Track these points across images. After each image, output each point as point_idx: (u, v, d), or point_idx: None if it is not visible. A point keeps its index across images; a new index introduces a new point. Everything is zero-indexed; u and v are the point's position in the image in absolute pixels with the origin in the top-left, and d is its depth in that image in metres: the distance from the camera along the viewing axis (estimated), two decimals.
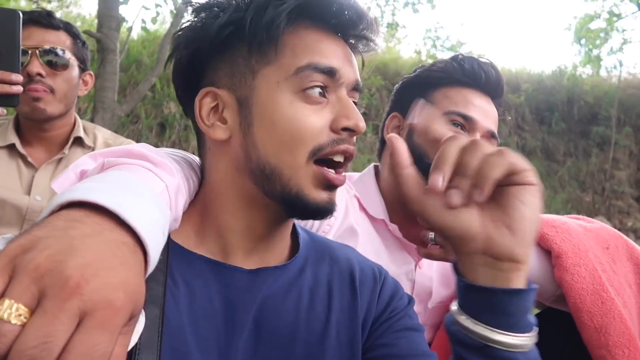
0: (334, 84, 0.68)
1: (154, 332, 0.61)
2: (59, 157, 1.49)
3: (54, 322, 0.37)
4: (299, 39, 0.68)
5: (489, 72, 1.15)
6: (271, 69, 0.67)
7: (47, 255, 0.40)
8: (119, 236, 0.46)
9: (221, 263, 0.71)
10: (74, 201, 0.48)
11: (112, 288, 0.40)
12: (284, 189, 0.66)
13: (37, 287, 0.38)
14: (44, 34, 1.43)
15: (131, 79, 5.62)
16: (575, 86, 8.22)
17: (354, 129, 0.67)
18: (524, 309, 0.57)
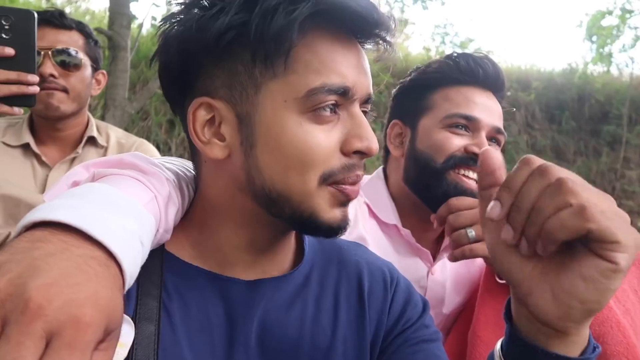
0: (347, 100, 0.62)
1: (150, 349, 0.59)
2: (72, 157, 1.51)
3: (19, 347, 0.36)
4: (312, 52, 0.60)
5: (485, 66, 1.11)
6: (278, 85, 0.60)
7: (8, 279, 0.39)
8: (87, 251, 0.45)
9: (218, 275, 0.67)
10: (37, 221, 0.46)
11: (78, 304, 0.39)
12: (295, 212, 0.62)
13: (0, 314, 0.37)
14: (57, 35, 1.44)
15: (141, 76, 5.64)
16: (586, 84, 8.13)
17: (366, 152, 0.62)
18: None
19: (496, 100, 1.15)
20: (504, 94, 1.18)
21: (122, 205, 0.53)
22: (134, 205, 0.55)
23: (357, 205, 1.16)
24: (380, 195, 1.20)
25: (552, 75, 8.45)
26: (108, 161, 0.66)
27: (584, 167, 7.32)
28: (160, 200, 0.61)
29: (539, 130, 7.53)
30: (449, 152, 1.08)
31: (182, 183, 0.69)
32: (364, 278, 0.75)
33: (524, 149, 7.14)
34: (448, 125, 1.09)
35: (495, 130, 1.11)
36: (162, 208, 0.61)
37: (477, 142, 1.07)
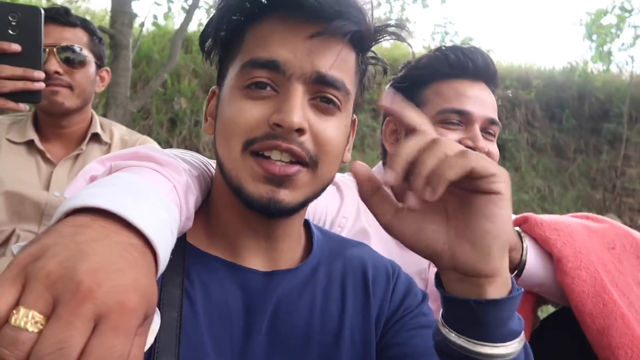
0: (282, 76, 0.65)
1: (172, 335, 0.61)
2: (76, 153, 1.52)
3: (69, 327, 0.37)
4: (255, 35, 0.68)
5: (475, 58, 1.11)
6: (232, 67, 0.70)
7: (57, 262, 0.40)
8: (126, 238, 0.47)
9: (237, 265, 0.71)
10: (79, 207, 0.48)
11: (123, 290, 0.41)
12: (230, 181, 0.67)
13: (51, 294, 0.39)
14: (62, 32, 1.44)
15: (142, 75, 5.65)
16: (586, 82, 8.13)
17: (280, 123, 0.63)
18: (501, 319, 0.55)
19: (489, 90, 1.15)
20: (496, 83, 1.18)
21: (151, 195, 0.55)
22: (161, 195, 0.58)
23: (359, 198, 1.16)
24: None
25: (552, 73, 8.45)
26: (123, 154, 0.68)
27: (585, 165, 7.32)
28: (180, 190, 0.64)
29: (539, 129, 7.54)
30: None
31: (197, 173, 0.72)
32: (368, 270, 0.79)
33: (525, 147, 7.15)
34: (441, 121, 1.09)
35: (489, 122, 1.11)
36: (182, 197, 0.64)
37: (471, 136, 1.08)
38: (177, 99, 5.47)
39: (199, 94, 5.70)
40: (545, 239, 0.99)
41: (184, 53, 6.00)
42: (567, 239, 0.99)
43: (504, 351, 0.55)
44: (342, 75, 0.67)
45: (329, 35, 0.65)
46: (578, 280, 0.94)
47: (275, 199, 0.64)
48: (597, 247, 1.00)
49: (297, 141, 0.64)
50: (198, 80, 5.83)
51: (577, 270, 0.95)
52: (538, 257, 0.99)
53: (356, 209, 1.13)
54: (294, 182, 0.65)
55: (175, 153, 0.73)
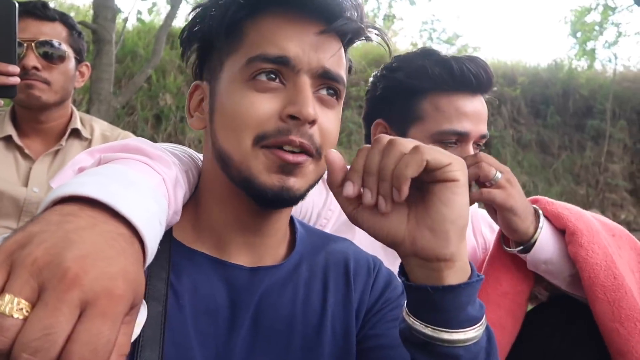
0: (291, 71, 0.66)
1: (157, 328, 0.62)
2: (56, 149, 1.49)
3: (55, 313, 0.37)
4: (257, 29, 0.68)
5: (478, 73, 1.09)
6: (232, 60, 0.69)
7: (44, 248, 0.40)
8: (114, 227, 0.47)
9: (222, 261, 0.71)
10: (67, 196, 0.48)
11: (111, 277, 0.41)
12: (238, 173, 0.66)
13: (37, 281, 0.39)
14: (40, 26, 1.42)
15: (126, 71, 5.59)
16: (570, 79, 8.23)
17: (297, 115, 0.64)
18: (460, 304, 0.57)
19: (484, 101, 1.15)
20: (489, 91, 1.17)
21: (140, 186, 0.55)
22: (151, 186, 0.58)
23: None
24: None
25: (537, 70, 8.53)
26: (113, 146, 0.68)
27: (569, 161, 7.42)
28: (169, 183, 0.64)
29: (525, 125, 7.62)
30: None
31: (186, 167, 0.72)
32: (350, 264, 0.80)
33: (510, 144, 7.22)
34: (439, 141, 1.09)
35: (481, 137, 1.12)
36: (171, 191, 0.64)
37: (461, 154, 1.08)
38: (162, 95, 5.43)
39: (185, 90, 5.65)
40: (558, 214, 1.01)
41: (170, 49, 5.95)
42: (579, 215, 1.02)
43: (463, 337, 0.57)
44: (340, 70, 0.70)
45: (335, 32, 0.68)
46: (592, 252, 0.96)
47: (287, 186, 0.65)
48: (601, 229, 1.03)
49: (307, 134, 0.65)
50: (183, 77, 5.79)
51: (590, 244, 0.97)
52: (549, 232, 1.01)
53: None
54: (302, 170, 0.67)
55: (165, 147, 0.73)
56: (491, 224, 1.30)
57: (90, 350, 0.38)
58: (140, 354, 0.59)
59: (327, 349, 0.72)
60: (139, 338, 0.59)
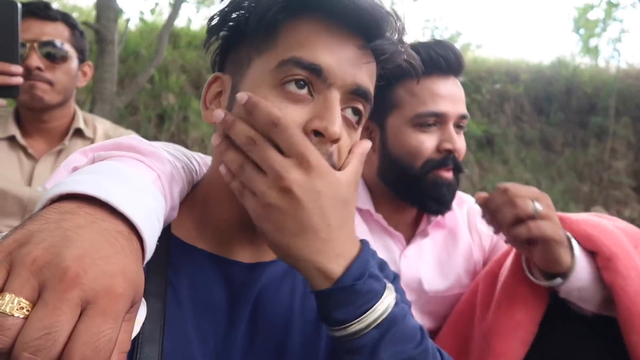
0: (322, 83, 0.63)
1: (156, 324, 0.62)
2: (59, 149, 1.50)
3: (56, 312, 0.38)
4: (294, 34, 0.65)
5: (446, 55, 1.11)
6: (262, 59, 0.66)
7: (44, 247, 0.40)
8: (112, 225, 0.47)
9: (222, 257, 0.71)
10: (64, 194, 0.48)
11: (111, 275, 0.41)
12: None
13: (37, 280, 0.39)
14: (42, 26, 1.43)
15: (129, 71, 5.60)
16: (573, 76, 8.19)
17: (322, 132, 0.62)
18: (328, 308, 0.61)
19: (458, 82, 1.16)
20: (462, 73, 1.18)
21: (136, 182, 0.55)
22: (147, 183, 0.57)
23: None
24: None
25: (540, 67, 8.50)
26: (105, 145, 0.68)
27: (572, 158, 7.39)
28: (164, 180, 0.64)
29: (528, 122, 7.59)
30: (425, 156, 1.11)
31: (181, 163, 0.72)
32: None
33: (513, 141, 7.20)
34: (418, 124, 1.11)
35: (460, 117, 1.13)
36: (167, 187, 0.64)
37: (447, 137, 1.10)
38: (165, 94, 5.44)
39: (187, 89, 5.66)
40: (588, 236, 0.92)
41: (172, 48, 5.96)
42: (611, 236, 0.93)
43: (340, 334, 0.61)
44: (371, 88, 0.69)
45: (377, 48, 0.66)
46: (630, 280, 0.89)
47: None
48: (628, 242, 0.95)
49: (328, 152, 0.64)
50: (186, 76, 5.79)
51: (628, 269, 0.89)
52: (583, 258, 0.93)
53: None
54: None
55: (158, 145, 0.73)
56: None
57: (91, 349, 0.38)
58: (140, 350, 0.59)
59: (325, 344, 0.72)
60: (138, 335, 0.59)
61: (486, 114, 7.24)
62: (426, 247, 1.23)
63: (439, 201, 1.12)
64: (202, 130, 5.29)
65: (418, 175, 1.11)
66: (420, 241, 1.23)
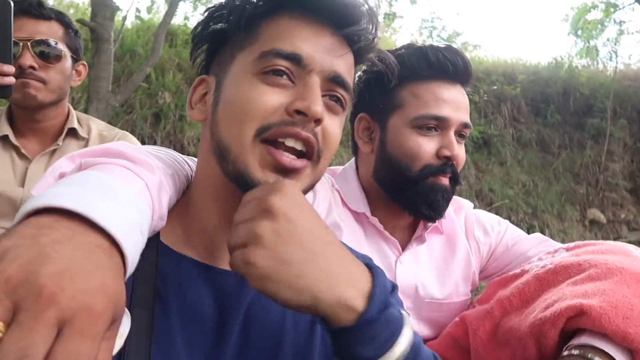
0: (302, 70, 0.66)
1: (143, 335, 0.60)
2: (53, 149, 1.49)
3: (31, 334, 0.36)
4: (274, 27, 0.69)
5: (455, 61, 1.11)
6: (244, 54, 0.69)
7: (18, 265, 0.39)
8: (92, 239, 0.45)
9: (211, 266, 0.70)
10: (42, 208, 0.46)
11: (90, 293, 0.40)
12: (234, 166, 0.65)
13: (11, 300, 0.37)
14: (36, 25, 1.41)
15: (125, 69, 5.57)
16: (571, 78, 8.20)
17: (305, 111, 0.64)
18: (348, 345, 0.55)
19: (464, 91, 1.16)
20: (470, 83, 1.18)
21: (121, 194, 0.53)
22: (132, 194, 0.56)
23: (331, 193, 1.18)
24: (350, 184, 1.22)
25: (537, 68, 8.51)
26: (94, 151, 0.66)
27: (569, 159, 7.40)
28: (152, 188, 0.62)
29: (525, 124, 7.59)
30: (424, 161, 1.09)
31: (171, 171, 0.71)
32: None
33: (510, 142, 7.20)
34: (418, 126, 1.10)
35: (463, 126, 1.13)
36: (155, 196, 0.63)
37: (447, 143, 1.09)
38: (161, 93, 5.41)
39: (184, 88, 5.63)
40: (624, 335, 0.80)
41: (169, 47, 5.93)
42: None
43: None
44: (349, 78, 0.71)
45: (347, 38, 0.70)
46: None
47: None
48: None
49: (313, 131, 0.65)
50: (182, 74, 5.76)
51: None
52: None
53: (328, 205, 1.15)
54: (299, 175, 0.66)
55: (148, 150, 0.72)
56: (485, 227, 1.29)
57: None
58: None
59: (317, 356, 0.71)
60: (124, 346, 0.57)
61: (483, 115, 7.24)
62: (423, 253, 1.22)
63: (432, 206, 1.11)
64: (198, 129, 5.26)
65: (415, 179, 1.10)
66: (417, 247, 1.21)
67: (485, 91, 7.25)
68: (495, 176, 6.67)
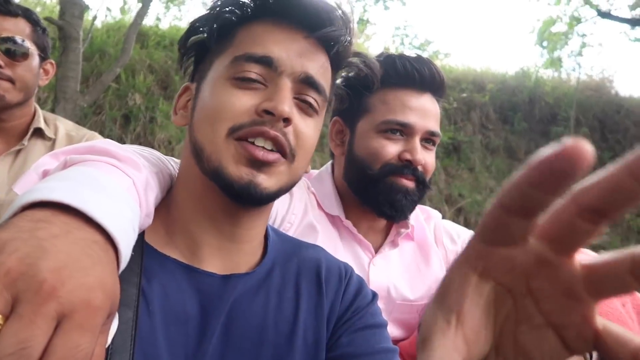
0: (274, 72, 0.68)
1: (127, 335, 0.60)
2: (17, 149, 1.45)
3: (30, 326, 0.36)
4: (248, 33, 0.71)
5: (421, 70, 1.14)
6: (220, 59, 0.72)
7: (17, 258, 0.39)
8: (88, 235, 0.45)
9: (195, 268, 0.70)
10: (37, 201, 0.46)
11: (89, 288, 0.40)
12: (208, 164, 0.67)
13: (10, 293, 0.37)
14: (2, 22, 1.37)
15: (94, 69, 5.46)
16: (537, 87, 8.47)
17: (272, 110, 0.66)
18: None
19: (434, 100, 1.18)
20: (442, 93, 1.21)
21: (111, 190, 0.54)
22: (122, 191, 0.56)
23: (307, 195, 1.19)
24: (325, 187, 1.24)
25: (505, 78, 8.74)
26: (78, 148, 0.66)
27: None
28: (139, 186, 0.63)
29: (493, 131, 7.79)
30: (384, 159, 1.12)
31: (156, 169, 0.71)
32: (322, 271, 0.80)
33: (479, 148, 7.37)
34: (383, 130, 1.13)
35: (429, 133, 1.15)
36: (142, 194, 0.63)
37: (410, 148, 1.12)
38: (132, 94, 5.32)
39: (155, 90, 5.56)
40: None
41: (140, 48, 5.84)
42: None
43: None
44: (323, 81, 0.72)
45: (319, 39, 0.72)
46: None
47: (255, 182, 0.66)
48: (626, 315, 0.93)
49: (282, 130, 0.67)
50: (154, 76, 5.69)
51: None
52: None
53: (304, 206, 1.16)
54: (273, 169, 0.67)
55: (133, 149, 0.72)
56: (451, 236, 1.32)
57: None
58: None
59: (297, 357, 0.71)
60: (109, 345, 0.57)
61: (453, 121, 7.39)
62: (394, 257, 1.24)
63: (393, 206, 1.13)
64: (169, 131, 5.19)
65: (375, 177, 1.13)
66: (389, 251, 1.24)
67: (455, 98, 7.40)
68: (464, 181, 6.81)
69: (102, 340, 0.42)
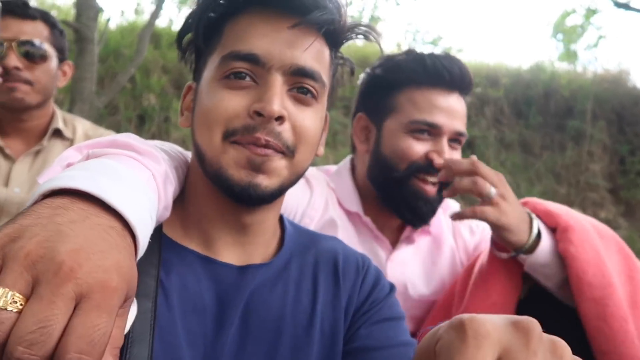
0: (262, 68, 0.68)
1: (146, 325, 0.61)
2: (37, 149, 1.48)
3: (50, 306, 0.38)
4: (234, 28, 0.71)
5: (452, 68, 1.13)
6: (212, 58, 0.72)
7: (37, 242, 0.40)
8: (106, 221, 0.47)
9: (212, 259, 0.71)
10: (57, 189, 0.48)
11: (105, 270, 0.41)
12: (210, 169, 0.68)
13: (31, 274, 0.39)
14: (21, 25, 1.40)
15: (109, 70, 5.52)
16: (552, 80, 8.34)
17: (261, 112, 0.66)
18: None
19: (462, 100, 1.17)
20: (469, 91, 1.20)
21: (130, 181, 0.55)
22: (141, 182, 0.58)
23: (327, 191, 1.20)
24: (345, 184, 1.24)
25: (519, 72, 8.62)
26: (101, 142, 0.68)
27: (550, 160, 7.52)
28: (158, 179, 0.64)
29: (507, 125, 7.70)
30: (411, 159, 1.12)
31: (175, 164, 0.73)
32: (339, 262, 0.80)
33: (493, 144, 7.29)
34: (411, 130, 1.12)
35: (457, 134, 1.15)
36: (161, 186, 0.65)
37: (438, 149, 1.12)
38: (146, 95, 5.37)
39: (169, 89, 5.60)
40: (549, 212, 1.02)
41: (153, 48, 5.89)
42: (571, 214, 1.02)
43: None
44: (318, 67, 0.70)
45: (307, 24, 0.69)
46: (582, 249, 0.96)
47: (254, 182, 0.66)
48: (591, 229, 1.02)
49: (275, 131, 0.66)
50: (167, 76, 5.73)
51: (582, 241, 0.97)
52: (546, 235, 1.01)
53: (324, 202, 1.17)
54: (271, 167, 0.67)
55: (154, 143, 0.74)
56: (471, 226, 1.32)
57: (86, 343, 0.38)
58: (130, 350, 0.59)
59: (315, 348, 0.72)
60: (128, 334, 0.59)
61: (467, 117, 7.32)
62: (411, 253, 1.24)
63: (414, 212, 1.14)
64: (183, 131, 5.23)
65: (401, 178, 1.12)
66: (406, 247, 1.24)
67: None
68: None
69: (120, 322, 0.44)
